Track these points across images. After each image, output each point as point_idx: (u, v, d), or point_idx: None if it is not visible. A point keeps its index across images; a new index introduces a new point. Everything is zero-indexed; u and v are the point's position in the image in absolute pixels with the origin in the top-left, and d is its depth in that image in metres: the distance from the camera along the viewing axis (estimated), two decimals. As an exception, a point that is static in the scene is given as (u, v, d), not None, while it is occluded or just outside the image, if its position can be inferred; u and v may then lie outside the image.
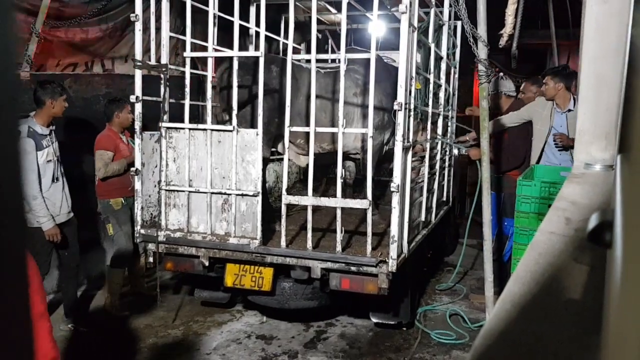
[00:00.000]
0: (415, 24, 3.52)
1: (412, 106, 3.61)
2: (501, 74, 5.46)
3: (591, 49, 1.19)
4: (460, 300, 5.15)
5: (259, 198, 3.57)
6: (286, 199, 3.54)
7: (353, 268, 3.52)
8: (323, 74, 4.30)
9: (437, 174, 4.93)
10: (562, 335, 0.74)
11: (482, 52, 3.94)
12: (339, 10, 3.45)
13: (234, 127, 3.56)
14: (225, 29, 4.27)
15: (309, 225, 3.54)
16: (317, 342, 4.22)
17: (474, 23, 3.87)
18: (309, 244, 3.58)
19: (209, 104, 3.68)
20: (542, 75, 5.05)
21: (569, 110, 4.74)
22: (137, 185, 3.85)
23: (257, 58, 3.59)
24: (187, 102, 3.76)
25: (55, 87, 4.04)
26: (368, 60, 3.37)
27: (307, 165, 3.80)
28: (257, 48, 4.52)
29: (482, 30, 3.86)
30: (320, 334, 4.36)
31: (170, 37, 3.94)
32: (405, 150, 3.48)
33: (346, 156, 4.27)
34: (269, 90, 3.88)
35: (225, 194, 3.67)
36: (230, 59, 3.72)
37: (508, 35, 4.10)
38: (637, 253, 0.44)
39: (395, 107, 3.26)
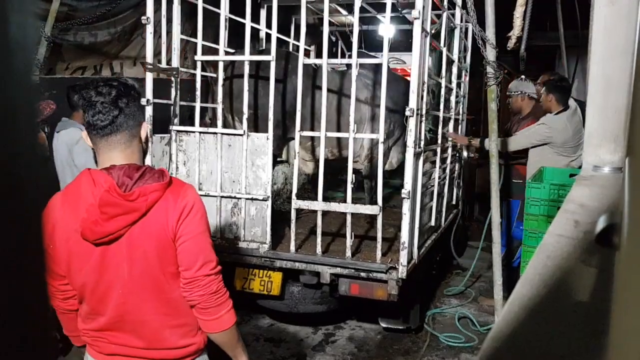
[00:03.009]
0: (428, 28, 3.51)
1: (423, 112, 3.60)
2: (523, 76, 5.39)
3: (599, 51, 1.19)
4: (469, 303, 5.13)
5: (269, 202, 3.58)
6: (296, 203, 3.54)
7: (362, 274, 3.50)
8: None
9: (447, 177, 4.92)
10: (570, 337, 0.75)
11: (490, 54, 3.93)
12: (350, 12, 3.45)
13: (244, 131, 3.57)
14: (235, 31, 4.29)
15: (319, 230, 3.53)
16: (326, 345, 4.22)
17: (483, 25, 3.87)
18: (319, 249, 3.58)
19: (219, 107, 3.70)
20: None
21: None
22: (147, 188, 3.86)
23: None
24: (197, 105, 3.78)
25: None
26: (373, 65, 3.33)
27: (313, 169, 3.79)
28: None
29: (490, 32, 3.86)
30: (329, 337, 4.36)
31: (181, 40, 3.96)
32: (417, 155, 3.46)
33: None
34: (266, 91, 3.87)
35: (235, 197, 3.67)
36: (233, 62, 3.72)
37: (516, 37, 4.09)
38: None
39: (407, 113, 3.25)
